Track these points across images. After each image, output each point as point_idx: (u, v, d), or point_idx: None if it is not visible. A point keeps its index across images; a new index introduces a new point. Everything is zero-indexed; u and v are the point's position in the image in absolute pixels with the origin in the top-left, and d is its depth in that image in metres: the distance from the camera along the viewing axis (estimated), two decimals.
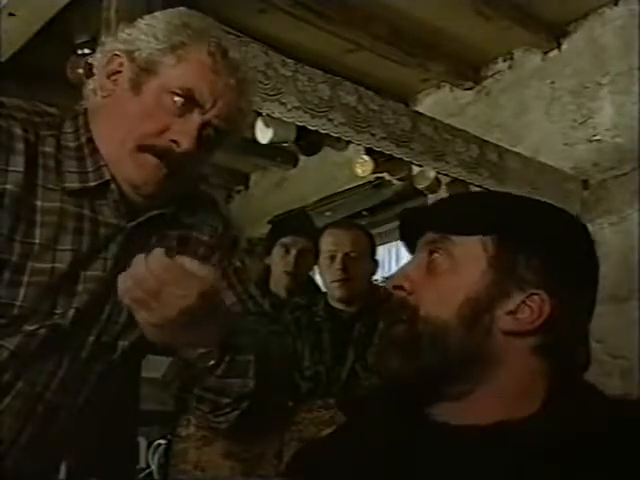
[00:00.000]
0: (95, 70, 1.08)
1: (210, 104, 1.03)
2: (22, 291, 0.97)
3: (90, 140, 1.05)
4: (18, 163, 0.97)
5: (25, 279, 0.97)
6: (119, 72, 1.04)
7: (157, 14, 1.07)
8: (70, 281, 1.01)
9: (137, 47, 1.03)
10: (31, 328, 0.98)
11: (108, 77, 1.05)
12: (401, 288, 0.84)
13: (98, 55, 1.08)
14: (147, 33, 1.04)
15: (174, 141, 1.01)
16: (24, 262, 0.97)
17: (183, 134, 1.01)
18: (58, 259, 0.99)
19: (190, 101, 1.02)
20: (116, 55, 1.05)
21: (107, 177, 1.03)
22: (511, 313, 0.79)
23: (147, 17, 1.06)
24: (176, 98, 1.01)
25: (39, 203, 0.99)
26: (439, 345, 0.79)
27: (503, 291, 0.80)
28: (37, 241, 0.98)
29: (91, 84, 1.08)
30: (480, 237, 0.82)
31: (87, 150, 1.04)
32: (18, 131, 0.99)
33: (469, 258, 0.81)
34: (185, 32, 1.03)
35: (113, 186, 1.04)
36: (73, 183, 1.02)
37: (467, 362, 0.79)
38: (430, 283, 0.82)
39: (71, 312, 1.01)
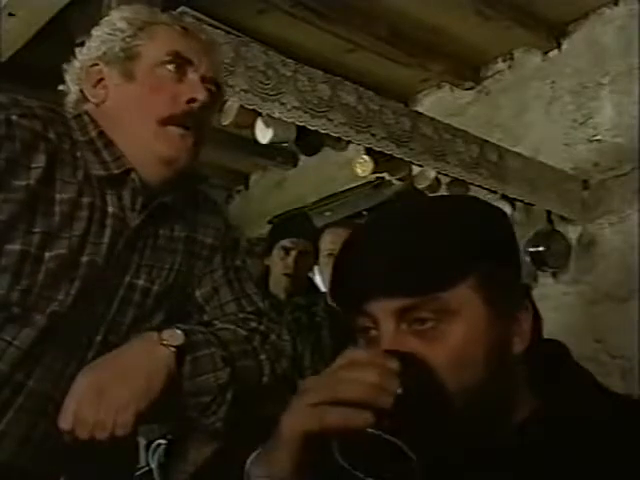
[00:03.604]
0: (72, 85, 1.12)
1: (198, 60, 1.09)
2: (38, 279, 0.98)
3: (102, 134, 1.07)
4: (40, 160, 1.00)
5: (43, 267, 0.98)
6: (102, 79, 1.09)
7: (105, 19, 1.13)
8: (73, 269, 1.02)
9: (107, 48, 1.08)
10: (38, 317, 0.98)
11: (94, 87, 1.09)
12: None
13: (70, 75, 1.12)
14: (109, 31, 1.09)
15: (191, 100, 1.06)
16: (42, 252, 0.98)
17: (194, 90, 1.06)
18: (70, 247, 1.01)
19: (181, 61, 1.07)
20: (93, 65, 1.09)
21: (128, 166, 1.06)
22: (516, 335, 0.75)
23: (97, 27, 1.12)
24: (168, 65, 1.06)
25: (58, 196, 1.01)
26: (481, 407, 0.71)
27: (507, 320, 0.74)
28: (54, 231, 1.00)
29: (73, 96, 1.12)
30: (465, 281, 0.72)
31: (100, 143, 1.07)
32: (40, 129, 1.02)
33: (466, 308, 0.71)
34: (142, 16, 1.10)
35: (134, 175, 1.06)
36: (98, 171, 1.05)
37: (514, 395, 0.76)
38: (434, 351, 0.71)
39: (69, 299, 1.01)
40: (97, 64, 1.09)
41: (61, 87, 1.14)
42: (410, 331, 0.72)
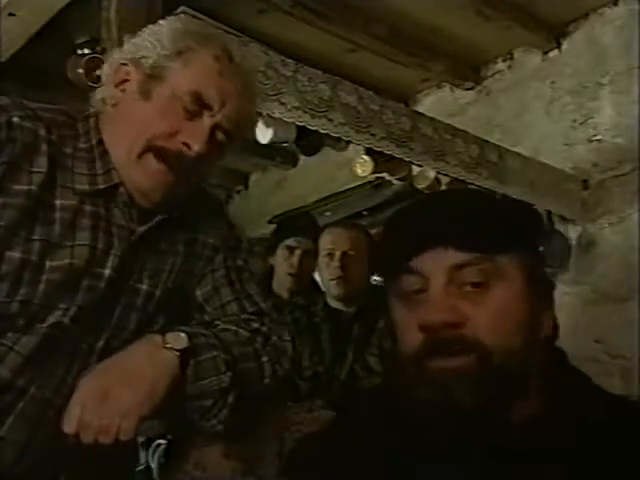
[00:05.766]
0: (103, 81, 1.09)
1: (219, 106, 1.03)
2: (40, 288, 0.97)
3: (100, 142, 1.06)
4: (41, 164, 0.99)
5: (44, 277, 0.97)
6: (127, 81, 1.06)
7: (161, 22, 1.08)
8: (80, 278, 1.01)
9: (143, 54, 1.04)
10: (40, 326, 0.98)
11: (116, 86, 1.07)
12: (453, 325, 0.74)
13: (105, 66, 1.09)
14: (152, 40, 1.05)
15: (185, 144, 1.01)
16: (43, 261, 0.97)
17: (194, 136, 1.02)
18: (74, 256, 1.00)
19: (199, 104, 1.02)
20: (123, 64, 1.06)
21: (116, 181, 1.04)
22: (546, 319, 0.80)
23: (151, 26, 1.07)
24: (185, 103, 1.02)
25: (58, 202, 1.00)
26: (513, 374, 0.74)
27: (539, 304, 0.79)
28: (55, 239, 0.99)
29: (99, 94, 1.09)
30: (516, 253, 0.78)
31: (97, 152, 1.05)
32: (42, 132, 1.00)
33: (510, 277, 0.77)
34: (190, 37, 1.05)
35: (122, 190, 1.05)
36: (82, 185, 1.03)
37: (530, 380, 0.78)
38: (479, 310, 0.75)
39: (73, 310, 1.00)
40: (127, 64, 1.06)
41: (99, 72, 1.11)
42: (458, 293, 0.75)
